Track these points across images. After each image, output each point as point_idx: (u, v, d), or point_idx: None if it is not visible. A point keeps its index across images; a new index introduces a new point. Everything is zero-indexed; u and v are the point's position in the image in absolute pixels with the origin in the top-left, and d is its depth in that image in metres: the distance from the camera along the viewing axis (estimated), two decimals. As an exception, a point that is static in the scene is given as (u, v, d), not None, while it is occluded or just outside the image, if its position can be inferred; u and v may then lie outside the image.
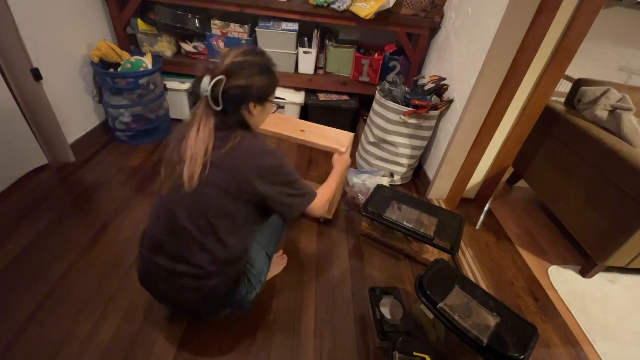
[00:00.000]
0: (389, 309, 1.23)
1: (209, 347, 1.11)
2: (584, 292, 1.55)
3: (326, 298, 1.32)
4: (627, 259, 1.51)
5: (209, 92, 0.84)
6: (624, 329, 1.41)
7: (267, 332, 1.17)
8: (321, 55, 2.27)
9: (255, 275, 1.06)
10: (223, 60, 0.86)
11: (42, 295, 1.19)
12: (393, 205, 1.59)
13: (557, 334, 1.34)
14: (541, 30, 1.38)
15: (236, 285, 1.02)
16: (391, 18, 1.98)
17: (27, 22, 1.48)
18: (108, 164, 1.88)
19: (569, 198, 1.70)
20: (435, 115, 1.81)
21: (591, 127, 1.63)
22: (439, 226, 1.51)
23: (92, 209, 1.58)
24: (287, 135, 1.46)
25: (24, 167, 1.69)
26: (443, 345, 1.19)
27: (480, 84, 1.52)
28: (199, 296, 0.98)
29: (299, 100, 2.28)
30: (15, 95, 1.57)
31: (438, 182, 1.89)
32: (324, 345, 1.17)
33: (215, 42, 2.10)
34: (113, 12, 2.00)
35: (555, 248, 1.78)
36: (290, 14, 2.01)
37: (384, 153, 1.96)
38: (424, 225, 1.51)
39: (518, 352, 0.96)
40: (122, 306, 1.19)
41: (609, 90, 1.65)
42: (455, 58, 1.78)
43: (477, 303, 1.09)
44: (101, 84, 1.94)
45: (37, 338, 1.07)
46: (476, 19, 1.60)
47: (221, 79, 0.83)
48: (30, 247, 1.35)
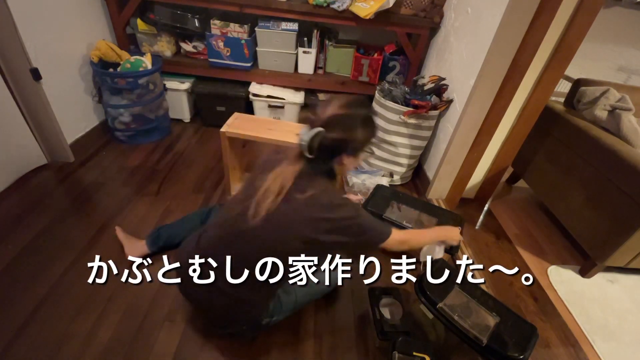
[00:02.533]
0: (388, 309, 1.23)
1: (209, 347, 1.11)
2: (583, 292, 1.55)
3: (326, 298, 1.32)
4: (627, 259, 1.51)
5: (307, 142, 0.84)
6: (624, 329, 1.41)
7: (267, 332, 1.17)
8: (321, 55, 2.27)
9: (275, 307, 1.05)
10: (324, 111, 0.87)
11: (42, 295, 1.19)
12: (393, 205, 1.58)
13: (557, 334, 1.34)
14: (541, 30, 1.38)
15: (268, 303, 1.02)
16: (391, 18, 1.98)
17: (27, 22, 1.48)
18: (107, 164, 1.87)
19: (568, 198, 1.70)
20: (434, 115, 1.81)
21: (591, 127, 1.63)
22: (438, 224, 1.50)
23: (91, 209, 1.58)
24: (284, 140, 1.46)
25: (23, 167, 1.69)
26: (443, 346, 1.19)
27: (479, 84, 1.52)
28: (231, 302, 0.97)
29: (299, 101, 2.28)
30: (15, 95, 1.57)
31: (438, 182, 1.89)
32: (323, 345, 1.17)
33: (215, 42, 2.10)
34: (112, 12, 2.00)
35: (554, 248, 1.78)
36: (290, 14, 2.01)
37: (383, 153, 1.96)
38: (424, 225, 1.50)
39: (517, 352, 0.96)
40: (122, 306, 1.19)
41: (609, 90, 1.65)
42: (455, 58, 1.78)
43: (477, 303, 1.09)
44: (101, 84, 1.93)
45: (37, 338, 1.07)
46: (476, 19, 1.60)
47: (320, 132, 0.83)
48: (30, 247, 1.35)
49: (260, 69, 2.25)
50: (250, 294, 0.97)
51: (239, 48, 2.12)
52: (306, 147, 0.85)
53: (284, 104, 2.29)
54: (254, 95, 2.24)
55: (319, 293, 1.19)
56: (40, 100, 1.61)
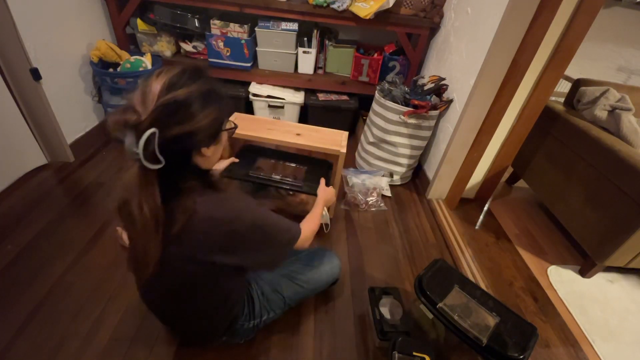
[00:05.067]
0: (388, 309, 1.23)
1: (209, 348, 1.11)
2: (583, 292, 1.55)
3: (326, 298, 1.32)
4: (627, 259, 1.51)
5: (141, 153, 0.61)
6: (623, 329, 1.41)
7: (266, 331, 1.17)
8: (321, 55, 2.27)
9: (262, 307, 1.05)
10: (146, 103, 0.62)
11: (42, 295, 1.19)
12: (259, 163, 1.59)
13: (557, 334, 1.34)
14: (541, 30, 1.38)
15: (235, 317, 1.00)
16: (391, 18, 1.98)
17: (27, 22, 1.48)
18: (107, 164, 1.87)
19: (568, 198, 1.70)
20: (434, 115, 1.81)
21: (590, 127, 1.63)
22: (307, 174, 1.54)
23: (91, 209, 1.58)
24: (283, 141, 1.46)
25: (23, 167, 1.69)
26: (442, 345, 1.19)
27: (479, 84, 1.52)
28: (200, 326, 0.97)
29: (299, 101, 2.28)
30: (15, 95, 1.57)
31: (438, 182, 1.89)
32: (323, 345, 1.17)
33: (215, 42, 2.10)
34: (112, 12, 2.00)
35: (554, 248, 1.78)
36: (290, 14, 2.01)
37: (383, 153, 1.96)
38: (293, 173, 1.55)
39: (517, 352, 0.96)
40: (122, 306, 1.19)
41: (609, 90, 1.65)
42: (455, 58, 1.78)
43: (477, 303, 1.09)
44: (100, 84, 1.93)
45: (37, 338, 1.07)
46: (476, 19, 1.60)
47: (152, 134, 0.60)
48: (30, 247, 1.35)
49: (260, 69, 2.25)
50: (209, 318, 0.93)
51: (239, 48, 2.13)
52: (142, 157, 0.61)
53: (284, 104, 2.29)
54: (254, 95, 2.24)
55: (312, 290, 1.19)
56: (40, 100, 1.61)
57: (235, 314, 1.00)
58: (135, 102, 0.63)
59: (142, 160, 0.62)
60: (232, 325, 1.00)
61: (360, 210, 1.82)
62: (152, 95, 0.63)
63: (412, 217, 1.84)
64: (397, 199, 1.96)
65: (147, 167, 0.63)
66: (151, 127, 0.61)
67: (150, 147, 0.61)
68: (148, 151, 0.61)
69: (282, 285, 1.11)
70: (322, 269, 1.19)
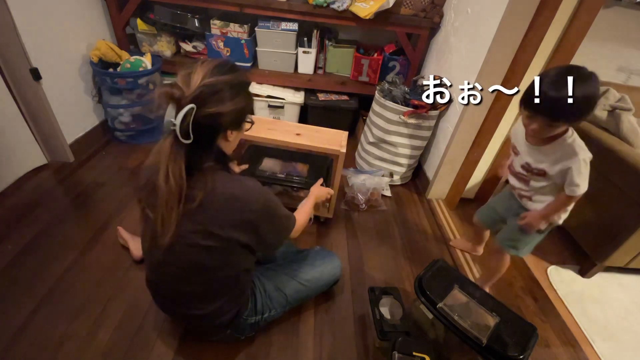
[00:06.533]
0: (388, 309, 1.23)
1: (209, 347, 1.11)
2: (583, 292, 1.55)
3: (326, 298, 1.32)
4: (626, 259, 1.51)
5: (178, 125, 0.70)
6: (624, 329, 1.41)
7: (266, 331, 1.17)
8: (321, 55, 2.27)
9: (265, 304, 1.07)
10: (190, 83, 0.72)
11: (42, 295, 1.19)
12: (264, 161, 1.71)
13: (557, 334, 1.34)
14: (541, 30, 1.38)
15: (243, 305, 1.02)
16: (391, 18, 1.98)
17: (27, 22, 1.48)
18: (107, 164, 1.87)
19: (568, 198, 1.69)
20: (434, 115, 1.81)
21: (591, 127, 1.63)
22: (309, 170, 1.65)
23: (91, 209, 1.58)
24: (283, 140, 1.46)
25: (23, 167, 1.69)
26: (442, 345, 1.19)
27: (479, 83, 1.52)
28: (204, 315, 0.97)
29: (299, 101, 2.28)
30: (15, 95, 1.57)
31: (438, 182, 1.89)
32: (323, 345, 1.17)
33: (215, 42, 2.10)
34: (112, 12, 2.00)
35: (554, 248, 1.78)
36: (290, 14, 2.01)
37: (383, 153, 1.96)
38: (299, 172, 1.66)
39: (517, 352, 0.96)
40: (122, 306, 1.19)
41: (609, 90, 1.65)
42: (455, 58, 1.78)
43: (477, 303, 1.08)
44: (100, 84, 1.93)
45: (37, 338, 1.07)
46: (476, 19, 1.60)
47: (191, 108, 0.69)
48: (30, 247, 1.35)
49: (260, 69, 2.25)
50: (217, 302, 0.94)
51: (238, 48, 2.13)
52: (178, 130, 0.70)
53: (284, 104, 2.29)
54: (254, 95, 2.24)
55: (313, 289, 1.20)
56: (40, 100, 1.61)
57: (244, 302, 1.01)
58: (180, 82, 0.73)
59: (177, 132, 0.70)
60: (238, 316, 1.01)
61: (360, 210, 1.82)
62: (197, 77, 0.73)
63: (412, 217, 1.84)
64: (397, 199, 1.96)
65: (180, 140, 0.72)
66: (191, 103, 0.70)
67: (186, 121, 0.70)
68: (183, 125, 0.70)
69: (285, 283, 1.12)
70: (324, 269, 1.21)
